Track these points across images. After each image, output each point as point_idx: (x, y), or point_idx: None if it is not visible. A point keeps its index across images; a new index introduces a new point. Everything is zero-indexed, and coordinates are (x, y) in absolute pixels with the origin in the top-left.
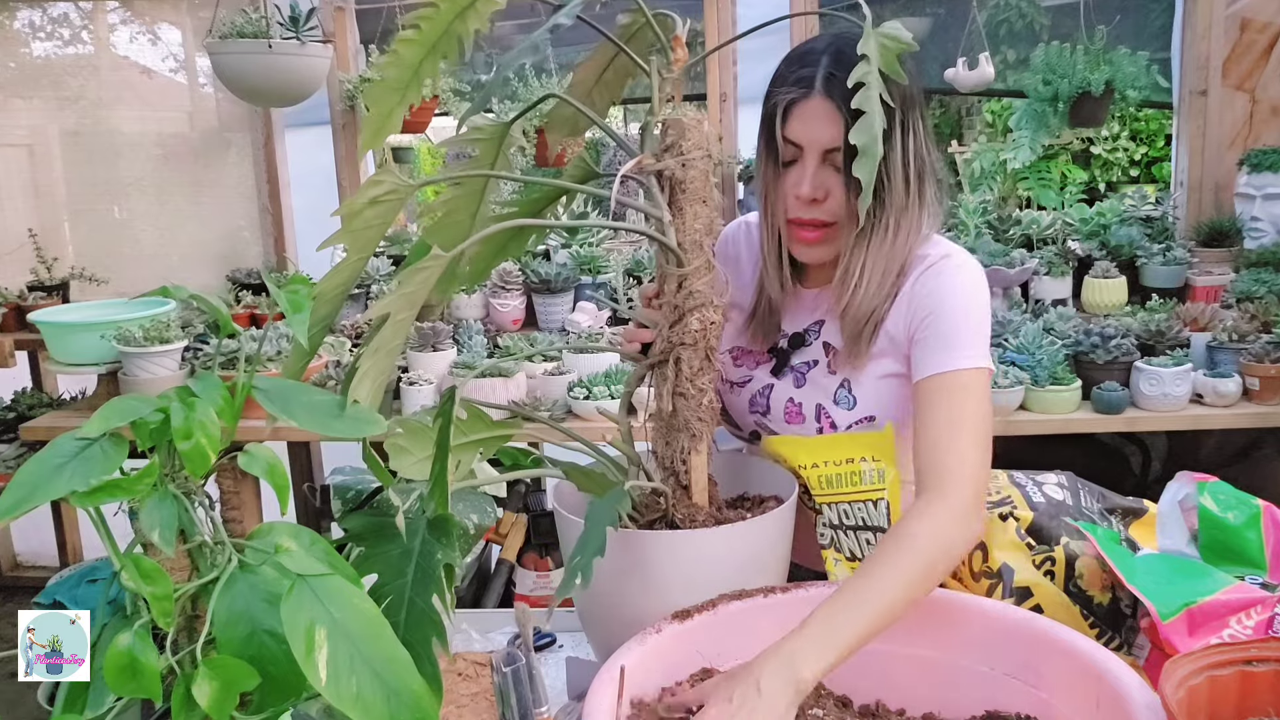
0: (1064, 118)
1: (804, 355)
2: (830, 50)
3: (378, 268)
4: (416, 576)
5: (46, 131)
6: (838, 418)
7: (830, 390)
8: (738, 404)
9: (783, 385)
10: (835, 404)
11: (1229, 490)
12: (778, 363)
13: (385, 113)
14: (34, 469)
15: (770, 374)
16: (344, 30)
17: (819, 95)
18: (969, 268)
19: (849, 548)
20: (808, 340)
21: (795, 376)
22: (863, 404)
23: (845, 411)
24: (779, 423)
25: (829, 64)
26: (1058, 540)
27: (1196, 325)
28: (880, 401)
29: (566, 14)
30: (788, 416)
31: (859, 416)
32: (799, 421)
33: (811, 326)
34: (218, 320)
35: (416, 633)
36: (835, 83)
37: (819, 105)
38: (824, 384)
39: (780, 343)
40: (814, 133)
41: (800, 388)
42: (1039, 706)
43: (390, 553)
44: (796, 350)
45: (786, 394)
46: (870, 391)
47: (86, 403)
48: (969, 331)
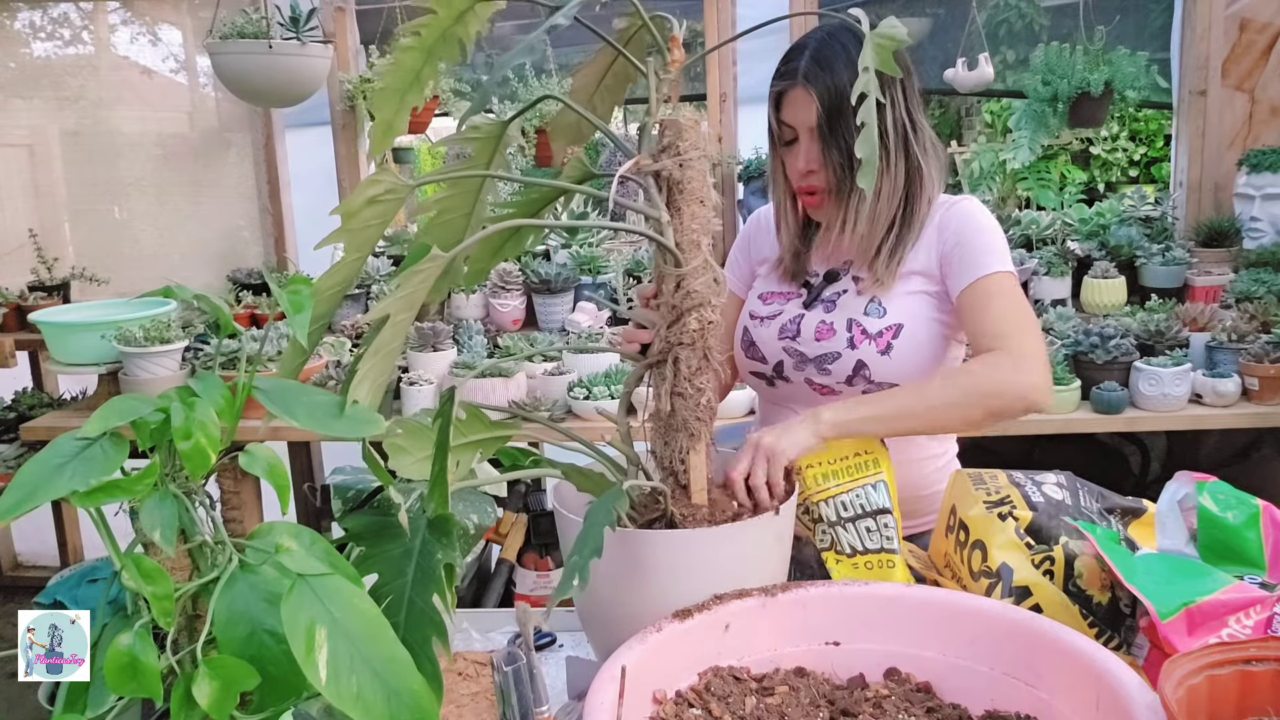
0: (1063, 118)
1: (836, 287)
2: (812, 45)
3: (377, 268)
4: (417, 576)
5: (47, 131)
6: (868, 325)
7: (861, 306)
8: (765, 334)
9: (813, 314)
10: (865, 315)
11: (1228, 490)
12: (810, 295)
13: (388, 118)
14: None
15: (801, 306)
16: (344, 30)
17: (800, 85)
18: (979, 206)
19: (849, 543)
20: (839, 275)
21: (825, 305)
22: (893, 312)
23: (876, 320)
24: (809, 343)
25: (809, 57)
26: (1057, 540)
27: (1196, 325)
28: (908, 311)
29: (564, 15)
30: (818, 335)
31: (889, 323)
32: (830, 336)
33: (843, 265)
34: (218, 320)
35: (417, 632)
36: (812, 73)
37: (800, 94)
38: (854, 303)
39: (812, 280)
40: (800, 117)
41: (830, 311)
42: (1038, 706)
43: (390, 552)
44: (830, 284)
45: (817, 318)
46: (899, 304)
47: (87, 403)
48: (995, 246)
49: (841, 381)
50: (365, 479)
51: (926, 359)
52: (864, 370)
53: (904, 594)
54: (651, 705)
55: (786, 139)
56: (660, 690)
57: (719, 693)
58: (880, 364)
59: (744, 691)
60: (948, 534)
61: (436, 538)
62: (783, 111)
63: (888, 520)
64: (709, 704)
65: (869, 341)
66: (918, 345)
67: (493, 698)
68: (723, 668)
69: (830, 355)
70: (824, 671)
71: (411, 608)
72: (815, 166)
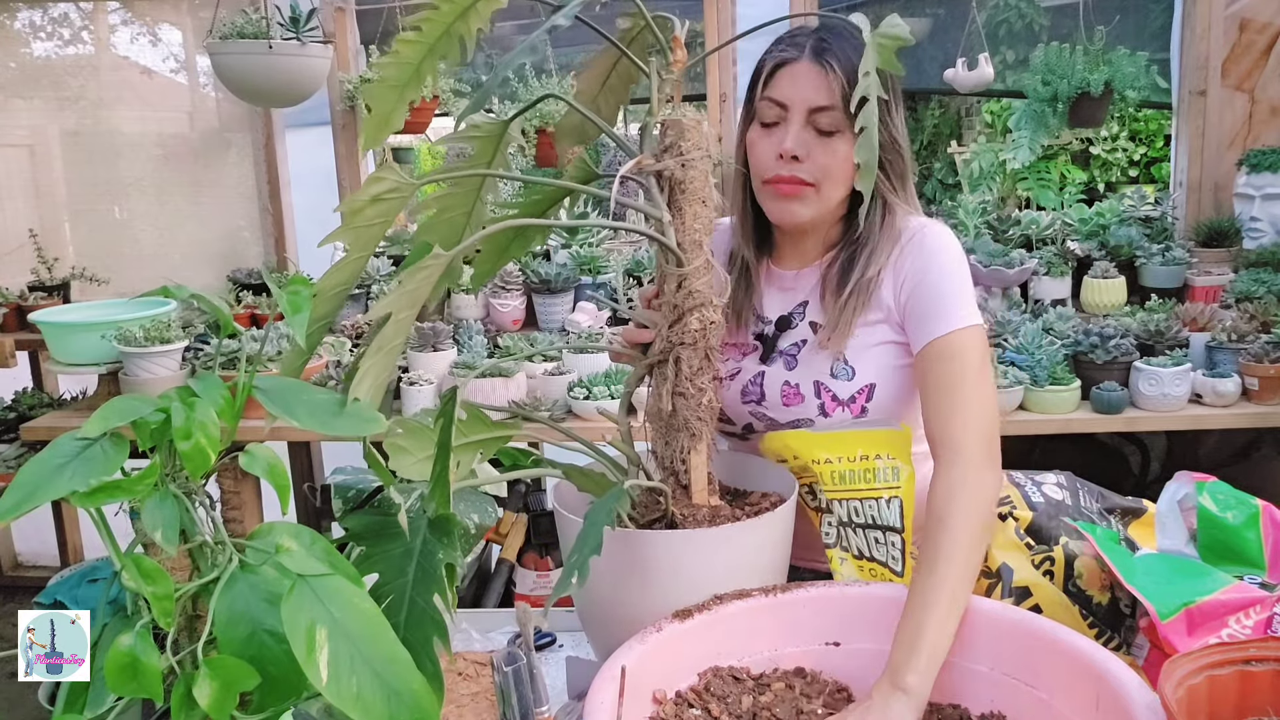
0: (1063, 118)
1: (791, 337)
2: (820, 26)
3: (378, 268)
4: (417, 576)
5: (47, 132)
6: (838, 389)
7: (826, 366)
8: (729, 398)
9: (774, 370)
10: (833, 377)
11: (1228, 490)
12: (765, 349)
13: (386, 111)
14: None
15: (759, 362)
16: (344, 30)
17: (808, 59)
18: (945, 235)
19: (857, 545)
20: (794, 323)
21: (785, 360)
22: (862, 373)
23: (845, 383)
24: (776, 408)
25: (819, 34)
26: (1057, 540)
27: (1196, 325)
28: (878, 368)
29: (565, 15)
30: (785, 399)
31: (861, 385)
32: (798, 402)
33: (796, 309)
34: (218, 320)
35: (417, 632)
36: (826, 48)
37: (807, 67)
38: (817, 361)
39: (765, 330)
40: (801, 92)
41: (792, 369)
42: (1038, 706)
43: (391, 552)
44: (784, 333)
45: (780, 378)
46: (867, 360)
47: (87, 403)
48: (955, 294)
49: None
50: (365, 479)
51: (903, 406)
52: None
53: (904, 594)
54: (651, 705)
55: (769, 119)
56: (660, 690)
57: (719, 693)
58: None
59: (743, 691)
60: None
61: (437, 537)
62: (775, 86)
63: (896, 540)
64: (709, 704)
65: (842, 408)
66: (892, 402)
67: (493, 698)
68: (722, 668)
69: (803, 421)
70: (824, 672)
71: (412, 607)
72: (803, 153)
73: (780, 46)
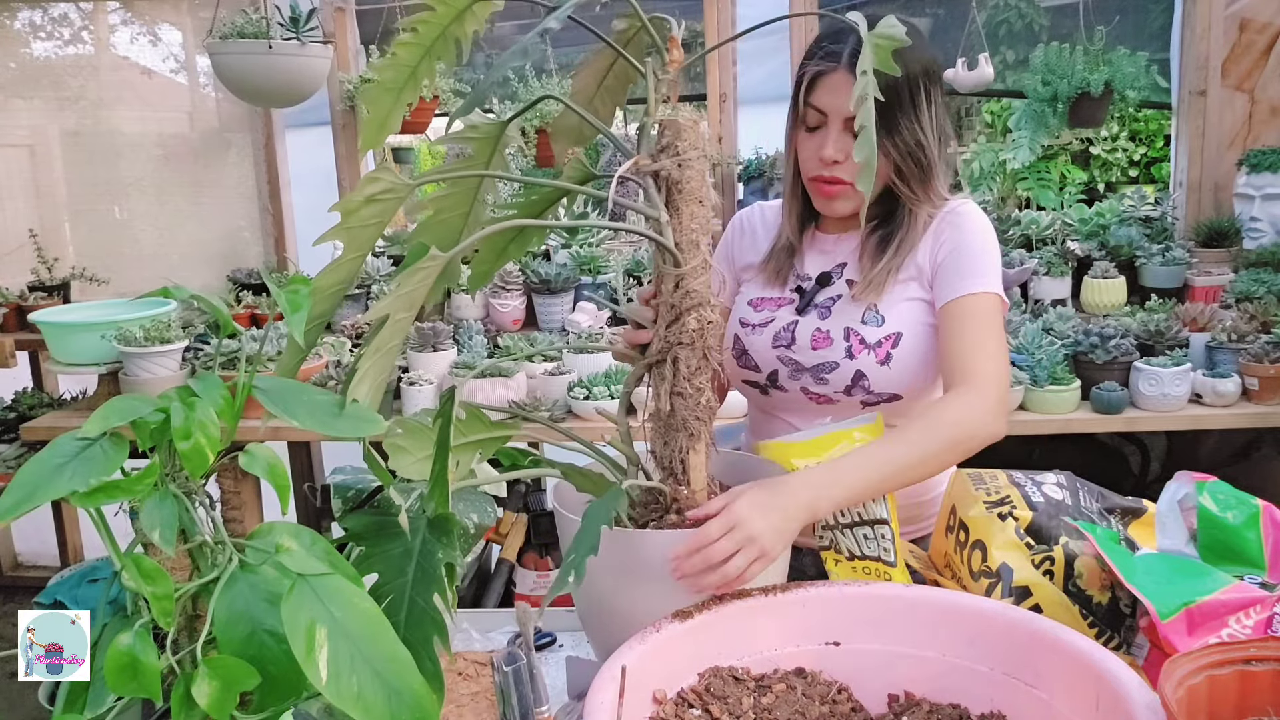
0: (1063, 118)
1: (828, 292)
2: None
3: (378, 268)
4: (417, 575)
5: (47, 132)
6: (866, 334)
7: (858, 314)
8: (759, 343)
9: (807, 320)
10: (863, 323)
11: (1228, 490)
12: (802, 301)
13: (383, 114)
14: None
15: (794, 312)
16: (344, 30)
17: (844, 70)
18: (980, 214)
19: (848, 547)
20: (832, 280)
21: (820, 310)
22: (891, 321)
23: (874, 329)
24: (804, 352)
25: (855, 41)
26: (1057, 540)
27: (1196, 325)
28: (906, 320)
29: (557, 18)
30: (814, 343)
31: (888, 332)
32: (826, 345)
33: (836, 268)
34: (218, 320)
35: (417, 632)
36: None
37: (843, 78)
38: (850, 310)
39: (804, 285)
40: (838, 101)
41: (825, 319)
42: (1039, 706)
43: (391, 552)
44: (822, 289)
45: (812, 325)
46: (897, 311)
47: (87, 403)
48: (986, 263)
49: (840, 391)
50: (365, 479)
51: (925, 367)
52: (863, 380)
53: (904, 594)
54: (651, 705)
55: (813, 124)
56: (660, 690)
57: (719, 693)
58: (879, 374)
59: (744, 692)
60: (948, 534)
61: (437, 537)
62: (816, 95)
63: (885, 531)
64: (709, 704)
65: (868, 351)
66: (917, 354)
67: (493, 698)
68: (722, 668)
69: (828, 365)
70: (824, 672)
71: (412, 607)
72: (842, 157)
73: (820, 54)
